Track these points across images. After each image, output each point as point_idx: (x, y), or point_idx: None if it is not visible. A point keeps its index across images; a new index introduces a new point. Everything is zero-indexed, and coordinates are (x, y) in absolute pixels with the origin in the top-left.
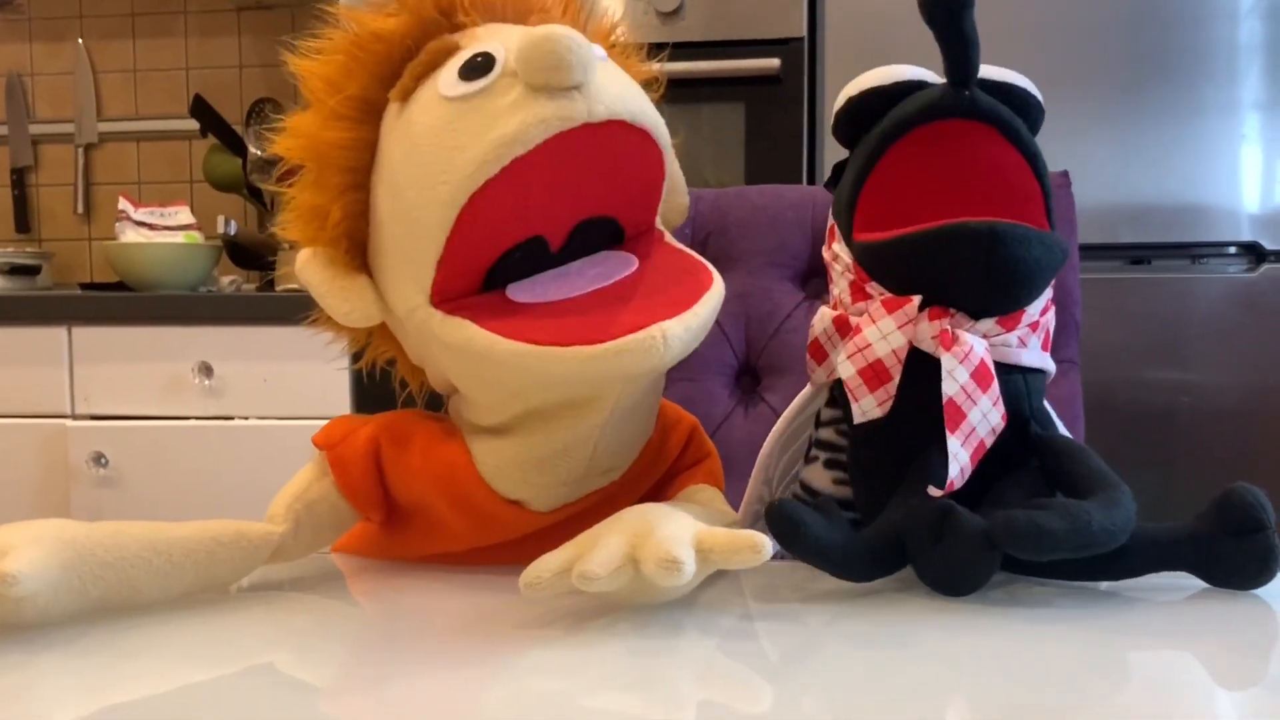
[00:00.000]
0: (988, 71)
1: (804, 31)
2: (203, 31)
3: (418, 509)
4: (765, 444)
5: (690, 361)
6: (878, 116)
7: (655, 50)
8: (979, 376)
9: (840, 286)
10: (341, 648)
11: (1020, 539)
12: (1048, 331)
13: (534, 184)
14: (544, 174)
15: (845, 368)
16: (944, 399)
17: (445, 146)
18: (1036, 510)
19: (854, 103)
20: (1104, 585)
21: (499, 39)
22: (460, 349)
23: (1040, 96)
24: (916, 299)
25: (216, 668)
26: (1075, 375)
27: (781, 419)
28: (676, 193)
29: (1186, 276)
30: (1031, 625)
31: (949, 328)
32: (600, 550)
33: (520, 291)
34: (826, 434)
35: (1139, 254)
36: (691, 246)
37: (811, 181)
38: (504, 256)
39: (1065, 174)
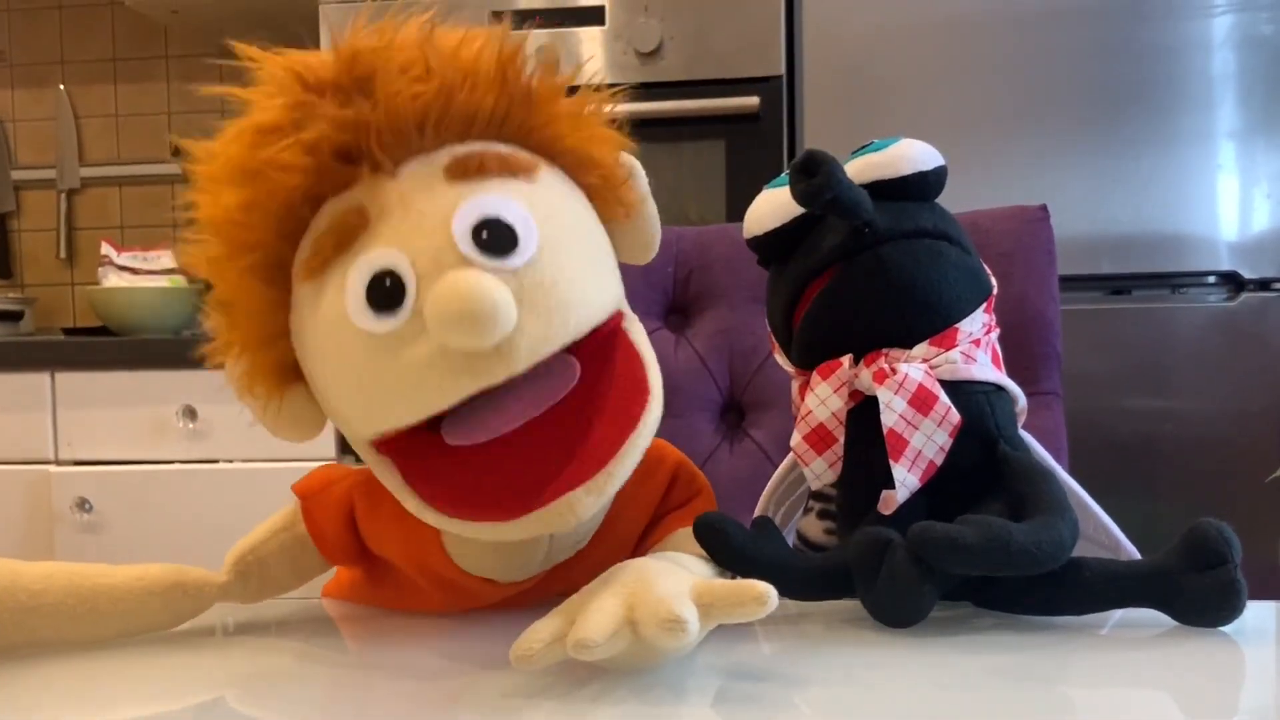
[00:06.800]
0: (879, 169)
1: (782, 70)
2: (184, 76)
3: (393, 568)
4: (759, 501)
5: (674, 398)
6: (787, 243)
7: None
8: (918, 401)
9: (793, 390)
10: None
11: (933, 549)
12: (995, 350)
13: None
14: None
15: (794, 436)
16: (884, 430)
17: (361, 385)
18: (958, 524)
19: (759, 241)
20: (1075, 621)
21: (407, 227)
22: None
23: (933, 161)
24: (848, 357)
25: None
26: (1058, 407)
27: (775, 474)
28: (643, 231)
29: (1167, 306)
30: (1010, 666)
31: (885, 365)
32: (595, 615)
33: (454, 431)
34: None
35: (1119, 284)
36: (675, 283)
37: None
38: None
39: (1044, 207)
